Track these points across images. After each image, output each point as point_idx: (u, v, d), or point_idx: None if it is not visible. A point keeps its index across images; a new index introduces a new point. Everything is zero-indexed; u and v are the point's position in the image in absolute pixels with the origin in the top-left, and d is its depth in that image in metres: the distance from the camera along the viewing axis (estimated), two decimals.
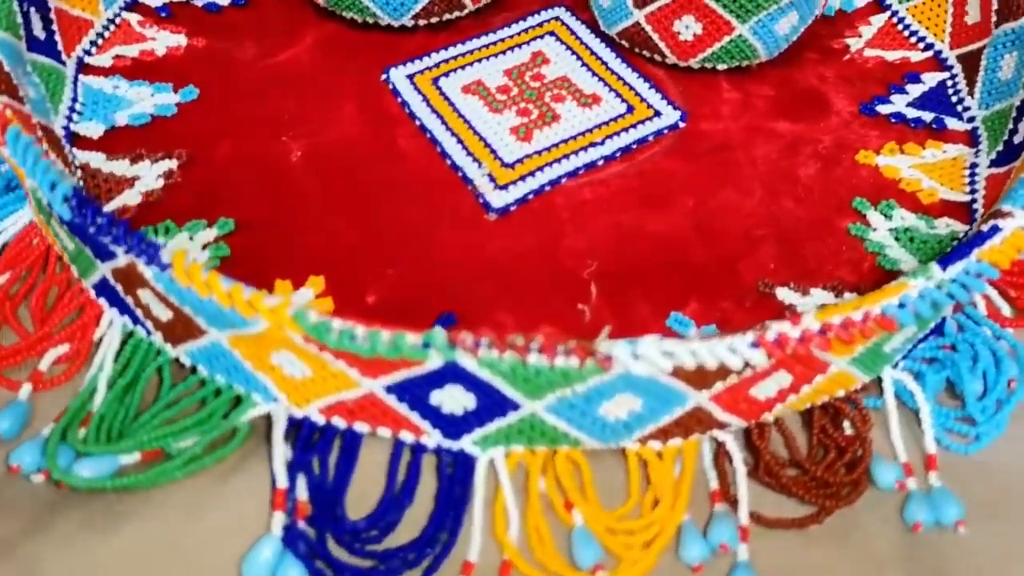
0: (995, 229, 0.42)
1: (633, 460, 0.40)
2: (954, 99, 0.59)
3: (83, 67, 0.58)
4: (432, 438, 0.40)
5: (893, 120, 0.58)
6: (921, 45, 0.63)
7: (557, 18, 0.65)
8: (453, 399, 0.38)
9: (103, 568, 0.37)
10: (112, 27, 0.60)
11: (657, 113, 0.58)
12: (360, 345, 0.35)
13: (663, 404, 0.38)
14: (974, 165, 0.55)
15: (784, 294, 0.48)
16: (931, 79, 0.61)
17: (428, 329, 0.42)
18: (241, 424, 0.40)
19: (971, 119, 0.58)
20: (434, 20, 0.63)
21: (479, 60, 0.62)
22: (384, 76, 0.60)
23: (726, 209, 0.53)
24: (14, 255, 0.47)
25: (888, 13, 0.65)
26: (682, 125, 0.58)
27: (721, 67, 0.61)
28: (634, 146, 0.56)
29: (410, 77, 0.60)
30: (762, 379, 0.39)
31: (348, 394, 0.39)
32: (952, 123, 0.58)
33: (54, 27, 0.56)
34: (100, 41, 0.59)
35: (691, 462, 0.40)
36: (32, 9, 0.54)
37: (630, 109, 0.59)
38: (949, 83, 0.60)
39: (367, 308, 0.47)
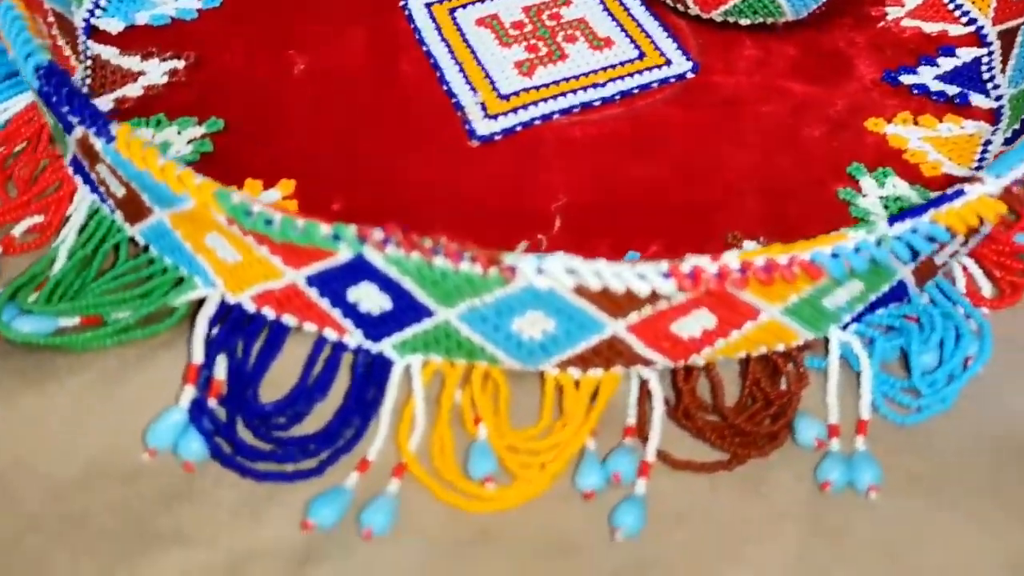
0: (959, 193, 0.40)
1: (550, 384, 0.40)
2: (986, 76, 0.57)
3: None
4: (354, 338, 0.40)
5: (915, 91, 0.56)
6: (964, 19, 0.60)
7: None
8: (369, 298, 0.38)
9: (28, 418, 0.39)
10: None
11: (668, 62, 0.57)
12: (274, 229, 0.36)
13: (577, 328, 0.38)
14: (989, 142, 0.52)
15: (750, 247, 0.47)
16: (966, 54, 0.58)
17: None
18: (180, 304, 0.42)
19: (999, 97, 0.55)
20: None
21: None
22: (403, 2, 0.61)
23: (717, 160, 0.52)
24: (14, 130, 0.49)
25: None
26: (691, 76, 0.57)
27: (744, 22, 0.59)
28: (636, 91, 0.56)
29: (428, 6, 0.61)
30: (682, 315, 0.38)
31: (273, 283, 0.39)
32: (977, 99, 0.55)
33: None
34: None
35: (607, 393, 0.40)
36: None
37: (641, 55, 0.58)
38: (985, 59, 0.58)
39: (330, 214, 0.47)
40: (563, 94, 0.55)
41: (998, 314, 0.45)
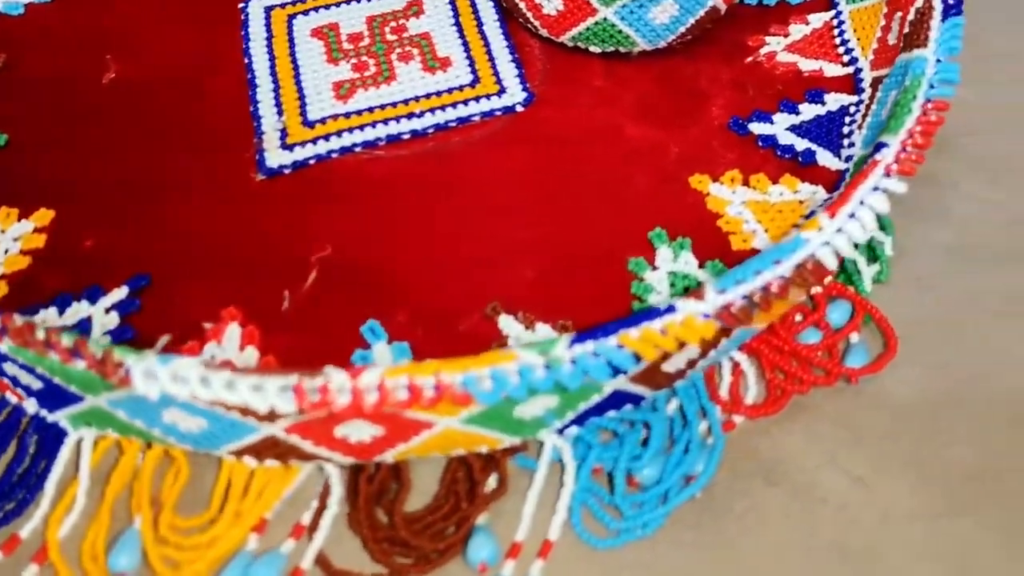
0: (671, 309, 0.36)
1: (224, 472, 0.38)
2: (846, 130, 0.51)
3: None
4: (31, 405, 0.39)
5: (761, 144, 0.51)
6: (846, 58, 0.54)
7: None
8: (21, 375, 0.36)
9: None
10: None
11: (501, 90, 0.53)
12: None
13: (229, 427, 0.36)
14: (814, 213, 0.47)
15: (506, 323, 0.43)
16: (834, 102, 0.52)
17: (116, 287, 0.41)
18: None
19: (849, 158, 0.49)
20: None
21: (349, 1, 0.58)
22: (243, 4, 0.58)
23: (512, 213, 0.48)
24: None
25: (832, 13, 0.56)
26: (520, 109, 0.53)
27: (595, 49, 0.54)
28: (454, 124, 0.52)
29: (268, 9, 0.57)
30: (338, 424, 0.35)
31: None
32: (825, 158, 0.50)
33: None
34: None
35: (279, 487, 0.38)
36: None
37: (475, 81, 0.54)
38: (852, 110, 0.52)
39: (79, 252, 0.46)
40: (373, 124, 0.52)
41: (757, 422, 0.41)
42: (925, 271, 0.46)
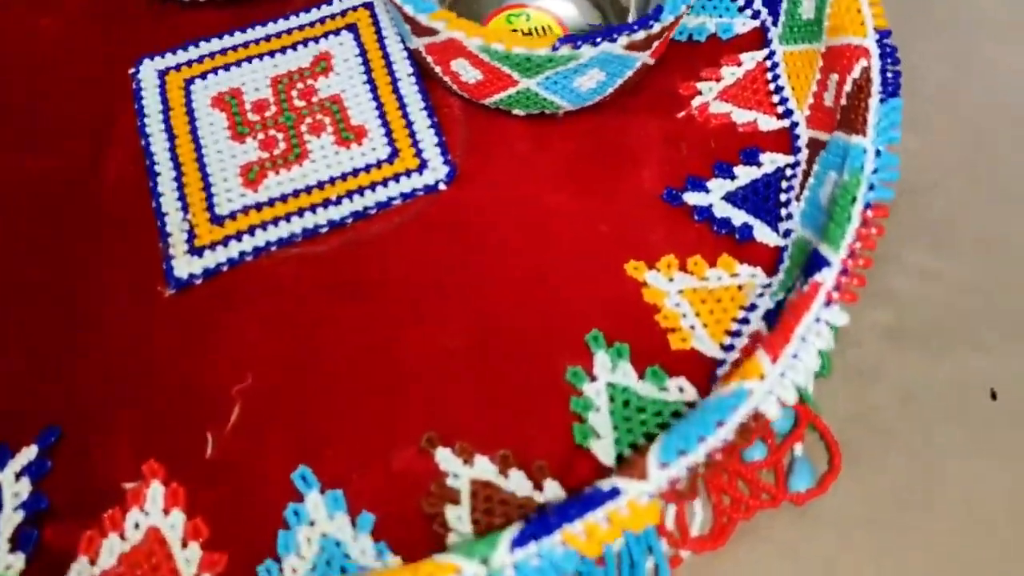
0: (614, 492, 0.34)
1: None
2: (783, 198, 0.49)
3: None
4: None
5: (697, 217, 0.49)
6: (780, 108, 0.52)
7: (367, 5, 0.55)
8: None
9: None
10: None
11: (423, 164, 0.50)
12: None
13: None
14: (753, 307, 0.46)
15: (444, 457, 0.42)
16: (770, 163, 0.50)
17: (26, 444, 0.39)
18: None
19: (787, 233, 0.48)
20: None
21: (250, 58, 0.53)
22: (134, 69, 0.53)
23: (439, 319, 0.45)
24: None
25: (765, 52, 0.54)
26: (443, 187, 0.49)
27: (519, 112, 0.51)
28: (373, 211, 0.49)
29: (162, 74, 0.53)
30: None
31: None
32: (763, 233, 0.48)
33: None
34: None
35: None
36: None
37: (393, 155, 0.50)
38: (788, 173, 0.50)
39: None
40: (287, 216, 0.48)
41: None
42: (867, 362, 0.45)
